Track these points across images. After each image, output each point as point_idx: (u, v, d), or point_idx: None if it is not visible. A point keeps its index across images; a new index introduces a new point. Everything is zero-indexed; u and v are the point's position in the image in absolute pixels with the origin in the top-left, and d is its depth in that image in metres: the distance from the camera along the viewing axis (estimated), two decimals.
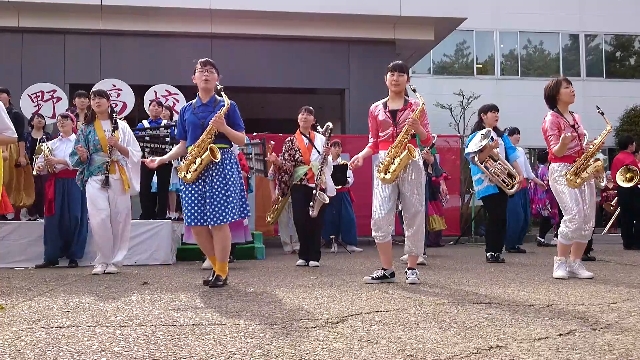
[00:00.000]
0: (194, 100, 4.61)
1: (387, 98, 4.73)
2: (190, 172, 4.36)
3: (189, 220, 4.45)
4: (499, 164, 6.49)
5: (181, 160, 4.57)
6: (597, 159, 4.93)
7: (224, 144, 4.47)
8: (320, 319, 2.99)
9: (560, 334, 2.58)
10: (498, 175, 6.46)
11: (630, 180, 8.82)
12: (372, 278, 4.64)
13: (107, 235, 5.63)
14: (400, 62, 4.75)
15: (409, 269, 4.66)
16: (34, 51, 11.34)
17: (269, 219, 7.85)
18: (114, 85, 9.70)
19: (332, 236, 8.62)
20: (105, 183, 5.60)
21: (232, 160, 4.50)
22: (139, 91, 9.96)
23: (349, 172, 8.78)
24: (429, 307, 3.37)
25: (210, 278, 4.50)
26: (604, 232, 13.64)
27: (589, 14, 20.16)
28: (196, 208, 4.41)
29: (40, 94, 9.43)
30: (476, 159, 6.48)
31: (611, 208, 12.63)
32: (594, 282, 4.61)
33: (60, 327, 2.82)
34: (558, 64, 20.48)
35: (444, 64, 20.48)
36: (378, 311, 3.22)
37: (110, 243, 5.68)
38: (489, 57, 20.47)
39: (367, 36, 12.08)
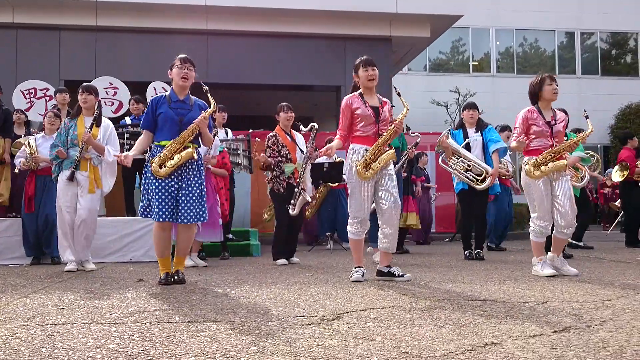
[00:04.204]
0: (167, 93, 4.59)
1: (359, 91, 4.69)
2: (165, 166, 4.32)
3: (160, 215, 4.34)
4: (462, 161, 6.53)
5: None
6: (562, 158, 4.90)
7: (195, 143, 4.52)
8: (316, 316, 3.00)
9: (555, 331, 2.58)
10: (459, 171, 6.53)
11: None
12: (362, 276, 4.58)
13: (70, 233, 5.62)
14: (367, 56, 4.70)
15: (387, 266, 4.59)
16: (28, 47, 11.29)
17: (266, 216, 7.85)
18: (111, 84, 9.64)
19: (328, 233, 8.63)
20: (70, 178, 5.53)
21: (202, 160, 4.64)
22: (135, 88, 9.93)
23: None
24: (424, 304, 3.38)
25: (166, 277, 4.42)
26: (609, 231, 13.61)
27: (586, 12, 20.20)
28: (169, 204, 4.36)
29: (32, 90, 9.37)
30: (440, 158, 6.82)
31: (617, 207, 12.63)
32: (588, 279, 4.62)
33: (55, 325, 2.81)
34: (554, 61, 20.53)
35: (440, 61, 20.49)
36: (373, 308, 3.23)
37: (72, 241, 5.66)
38: (484, 54, 20.50)
39: (364, 33, 12.09)
